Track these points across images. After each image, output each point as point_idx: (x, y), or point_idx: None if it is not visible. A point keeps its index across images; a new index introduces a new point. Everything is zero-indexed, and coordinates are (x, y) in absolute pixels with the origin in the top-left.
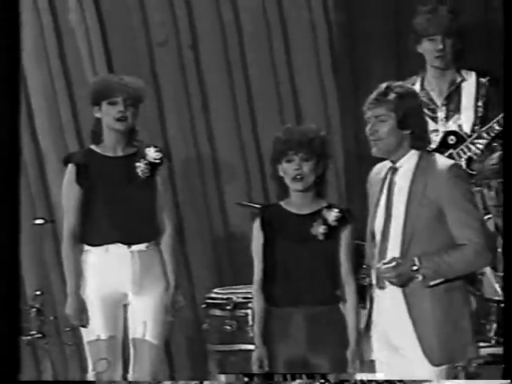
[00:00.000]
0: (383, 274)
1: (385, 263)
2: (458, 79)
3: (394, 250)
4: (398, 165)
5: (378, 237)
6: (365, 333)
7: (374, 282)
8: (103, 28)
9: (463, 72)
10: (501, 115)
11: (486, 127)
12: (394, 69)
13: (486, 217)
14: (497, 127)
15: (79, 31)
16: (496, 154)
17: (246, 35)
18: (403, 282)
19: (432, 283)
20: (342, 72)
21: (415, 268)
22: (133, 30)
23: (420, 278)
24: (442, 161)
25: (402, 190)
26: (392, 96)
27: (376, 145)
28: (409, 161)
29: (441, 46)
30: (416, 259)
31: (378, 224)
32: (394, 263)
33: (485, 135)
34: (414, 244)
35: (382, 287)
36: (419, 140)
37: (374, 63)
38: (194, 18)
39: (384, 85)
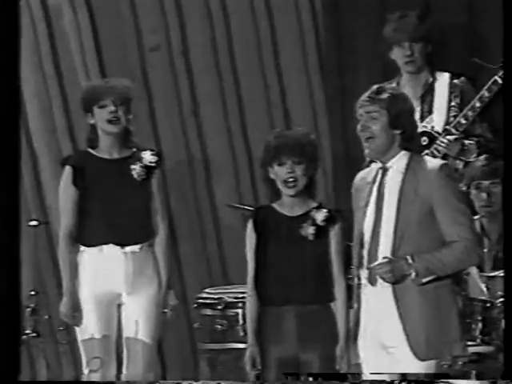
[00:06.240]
0: (376, 270)
1: (378, 262)
2: (430, 80)
3: (384, 249)
4: (388, 165)
5: (368, 236)
6: (353, 333)
7: (363, 281)
8: (96, 33)
9: (437, 73)
10: (467, 108)
11: (454, 122)
12: (381, 71)
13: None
14: (463, 121)
15: (73, 37)
16: (483, 156)
17: (236, 40)
18: (396, 278)
19: (424, 280)
20: (330, 75)
21: (408, 265)
22: (125, 35)
23: (413, 274)
24: (432, 161)
25: (393, 190)
26: (385, 95)
27: (368, 146)
28: (399, 161)
29: (409, 52)
30: (409, 257)
31: (368, 224)
32: (386, 260)
33: (453, 131)
34: (404, 243)
35: (373, 283)
36: (409, 141)
37: (361, 66)
38: (185, 23)
39: (376, 86)
